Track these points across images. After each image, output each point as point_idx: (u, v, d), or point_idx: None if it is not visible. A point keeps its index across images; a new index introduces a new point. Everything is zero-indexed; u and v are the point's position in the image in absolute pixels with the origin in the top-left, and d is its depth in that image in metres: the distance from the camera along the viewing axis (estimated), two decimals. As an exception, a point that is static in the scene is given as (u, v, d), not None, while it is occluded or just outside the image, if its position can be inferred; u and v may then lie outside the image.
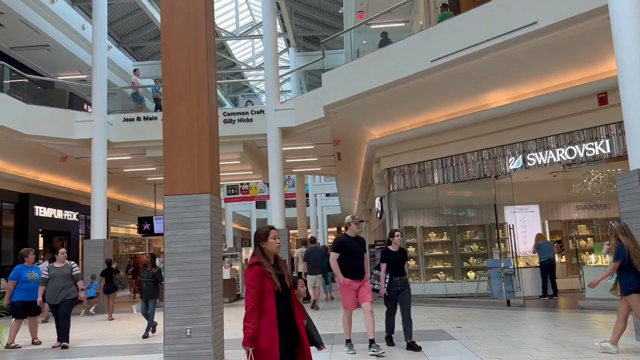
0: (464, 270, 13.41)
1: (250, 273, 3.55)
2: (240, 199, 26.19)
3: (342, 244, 6.89)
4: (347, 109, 12.03)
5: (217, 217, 6.56)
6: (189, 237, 6.25)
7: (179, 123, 6.41)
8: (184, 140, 6.40)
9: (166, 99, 6.48)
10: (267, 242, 3.69)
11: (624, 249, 5.65)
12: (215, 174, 6.66)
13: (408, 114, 11.92)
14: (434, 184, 12.20)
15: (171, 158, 6.38)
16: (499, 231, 13.58)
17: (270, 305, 3.49)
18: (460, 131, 11.40)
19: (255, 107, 15.74)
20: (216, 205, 6.56)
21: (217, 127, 6.94)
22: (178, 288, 6.19)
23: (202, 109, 6.43)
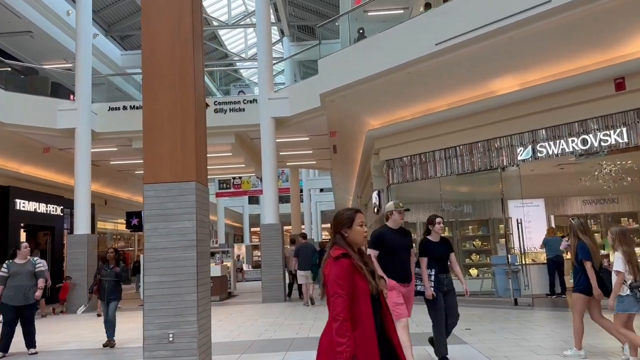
0: (466, 267, 12.82)
1: (337, 268, 2.61)
2: (232, 193, 25.48)
3: (382, 237, 5.37)
4: (345, 97, 11.37)
5: (203, 208, 5.87)
6: (172, 231, 5.56)
7: (160, 102, 5.71)
8: (166, 121, 5.70)
9: (146, 74, 5.77)
10: (352, 230, 2.77)
11: (586, 247, 5.31)
12: (202, 160, 5.97)
13: (409, 102, 11.27)
14: (436, 177, 11.57)
15: (152, 142, 5.68)
16: (503, 226, 13.06)
17: (365, 312, 2.58)
18: (465, 120, 10.76)
19: (248, 96, 15.03)
20: (203, 195, 5.88)
21: (204, 108, 6.25)
22: (159, 287, 5.50)
23: (186, 86, 5.73)
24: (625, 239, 5.01)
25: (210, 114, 14.37)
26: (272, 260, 13.36)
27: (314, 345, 2.83)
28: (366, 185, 19.09)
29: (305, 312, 10.84)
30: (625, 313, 4.96)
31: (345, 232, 2.78)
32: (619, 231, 5.08)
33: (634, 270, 4.84)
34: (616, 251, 5.00)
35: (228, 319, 10.37)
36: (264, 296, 13.30)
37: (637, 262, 4.91)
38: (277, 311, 11.16)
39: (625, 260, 4.87)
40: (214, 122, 14.28)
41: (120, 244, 26.35)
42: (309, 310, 11.05)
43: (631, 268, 4.84)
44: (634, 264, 4.87)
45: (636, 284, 4.76)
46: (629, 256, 4.88)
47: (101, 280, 8.10)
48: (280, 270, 13.30)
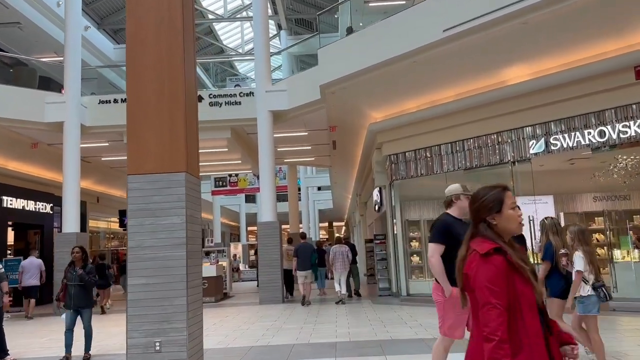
0: (473, 266, 12.27)
1: (488, 269, 1.94)
2: (229, 191, 24.83)
3: (449, 228, 4.18)
4: (346, 88, 10.81)
5: (194, 202, 5.30)
6: (159, 227, 4.99)
7: (146, 83, 5.14)
8: (153, 107, 5.12)
9: (130, 51, 5.19)
10: (502, 216, 2.10)
11: (551, 248, 5.13)
12: (193, 149, 5.40)
13: (414, 93, 10.71)
14: (442, 172, 11.01)
15: (136, 129, 5.11)
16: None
17: (532, 329, 1.91)
18: (473, 112, 10.21)
19: (244, 88, 14.46)
20: (194, 188, 5.30)
21: (195, 96, 5.67)
22: (145, 290, 4.93)
23: (175, 66, 5.15)
24: (585, 238, 4.85)
25: (205, 108, 13.80)
26: (270, 259, 12.79)
27: (317, 353, 2.28)
28: (366, 182, 18.54)
29: (304, 314, 10.28)
30: (583, 315, 4.79)
31: (493, 218, 2.10)
32: (578, 230, 4.90)
33: (595, 270, 4.70)
34: (576, 251, 4.80)
35: (223, 322, 9.80)
36: (262, 297, 12.73)
37: (597, 261, 4.80)
38: (275, 313, 10.59)
39: (586, 260, 4.70)
40: (209, 116, 13.73)
41: (114, 243, 25.76)
42: (308, 313, 10.49)
43: (592, 268, 4.70)
44: (594, 264, 4.73)
45: (599, 283, 4.62)
46: (590, 256, 4.74)
47: (67, 285, 7.06)
48: (278, 271, 12.74)
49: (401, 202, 12.41)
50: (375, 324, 8.34)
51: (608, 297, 4.66)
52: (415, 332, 7.32)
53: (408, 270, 12.15)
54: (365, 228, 24.29)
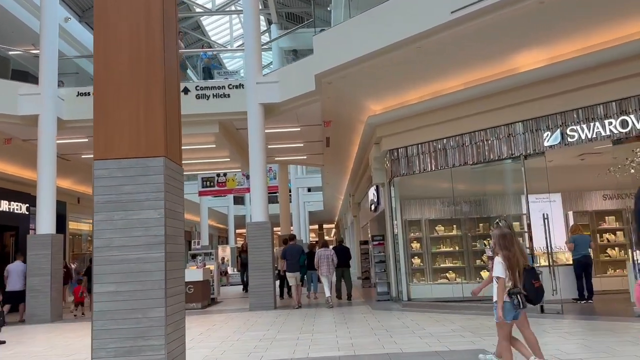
0: (477, 269, 11.53)
1: None
2: (217, 192, 23.93)
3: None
4: (344, 78, 10.04)
5: (176, 193, 4.45)
6: (131, 223, 4.13)
7: (117, 48, 4.28)
8: (127, 79, 4.27)
9: (98, 16, 4.33)
10: None
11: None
12: (174, 130, 4.55)
13: (418, 82, 9.94)
14: (447, 168, 10.24)
15: (105, 104, 4.25)
16: (523, 224, 11.79)
17: None
18: (482, 102, 9.46)
19: (233, 80, 13.60)
20: (175, 177, 4.45)
21: (177, 66, 4.82)
22: (114, 300, 4.06)
23: (152, 32, 4.31)
24: (505, 242, 4.63)
25: (192, 101, 12.95)
26: (261, 262, 11.92)
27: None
28: (361, 181, 17.76)
29: (299, 321, 9.43)
30: (507, 322, 4.59)
31: None
32: (499, 234, 4.69)
33: (514, 275, 4.51)
34: (497, 256, 4.64)
35: (210, 331, 8.92)
36: (252, 303, 11.85)
37: (517, 266, 4.55)
38: (268, 321, 9.73)
39: (505, 265, 4.52)
40: (195, 110, 12.87)
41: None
42: (304, 320, 9.64)
43: (511, 273, 4.51)
44: (513, 269, 4.53)
45: (515, 290, 4.44)
46: (509, 261, 4.54)
47: None
48: (270, 275, 11.87)
49: (401, 201, 11.62)
50: (379, 334, 7.52)
51: (522, 304, 4.42)
52: (427, 344, 6.51)
53: (409, 273, 11.36)
54: (358, 229, 23.51)
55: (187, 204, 29.90)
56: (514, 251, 4.57)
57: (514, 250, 4.58)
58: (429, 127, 10.31)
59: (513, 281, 4.50)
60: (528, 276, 4.61)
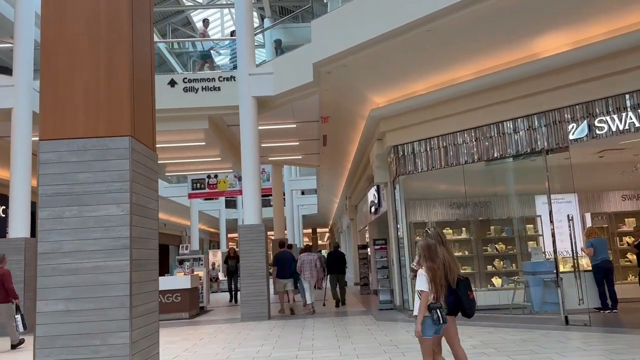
0: (488, 275, 10.67)
1: None
2: (207, 194, 22.89)
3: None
4: (345, 67, 9.16)
5: (146, 184, 3.52)
6: (87, 222, 3.21)
7: (71, 5, 3.36)
8: (82, 36, 3.36)
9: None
10: None
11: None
12: (145, 107, 3.63)
13: (426, 71, 9.06)
14: (458, 164, 9.35)
15: (54, 71, 3.33)
16: (531, 226, 10.98)
17: None
18: (498, 92, 8.59)
19: (224, 72, 12.68)
20: (145, 163, 3.53)
21: (151, 27, 3.90)
22: (64, 322, 3.13)
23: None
24: (430, 253, 4.40)
25: (179, 94, 12.03)
26: (254, 268, 10.96)
27: None
28: (359, 182, 16.87)
29: (297, 334, 8.50)
30: (428, 338, 4.32)
31: None
32: (425, 245, 4.47)
33: (437, 289, 4.28)
34: (421, 268, 4.39)
35: (197, 347, 7.96)
36: (244, 313, 10.88)
37: (441, 279, 4.31)
38: (262, 334, 8.78)
39: (428, 278, 4.28)
40: (183, 103, 11.95)
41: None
42: (302, 333, 8.71)
43: (434, 286, 4.27)
44: (437, 282, 4.29)
45: (435, 304, 4.23)
46: (433, 273, 4.30)
47: None
48: (263, 282, 10.91)
49: (406, 202, 10.73)
50: (390, 350, 6.61)
51: (442, 320, 4.20)
52: (448, 364, 5.60)
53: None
54: (355, 233, 22.61)
55: (177, 208, 28.86)
56: (439, 263, 4.35)
57: (438, 262, 4.36)
58: (438, 120, 9.43)
59: (435, 295, 4.25)
60: (463, 287, 4.45)
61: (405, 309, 10.55)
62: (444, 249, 4.57)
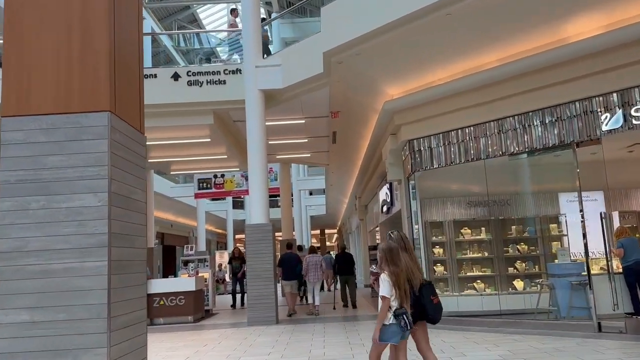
0: (510, 278, 10.02)
1: None
2: (214, 194, 22.40)
3: None
4: (357, 55, 8.63)
5: (130, 170, 2.97)
6: (57, 215, 2.67)
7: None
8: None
9: None
10: None
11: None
12: (131, 80, 3.07)
13: (445, 59, 8.47)
14: (479, 159, 8.74)
15: (19, 35, 2.78)
16: (555, 226, 10.33)
17: None
18: (523, 80, 7.97)
19: (230, 64, 12.14)
20: (129, 146, 2.98)
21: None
22: (29, 337, 2.58)
23: None
24: (393, 257, 4.24)
25: (183, 88, 11.51)
26: (260, 270, 10.40)
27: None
28: (370, 180, 16.27)
29: (307, 341, 7.93)
30: (384, 343, 4.19)
31: None
32: (386, 249, 4.29)
33: (401, 294, 4.13)
34: (382, 272, 4.22)
35: (200, 354, 7.41)
36: (250, 317, 10.32)
37: (405, 284, 4.17)
38: (269, 340, 8.22)
39: (391, 283, 4.13)
40: (187, 97, 11.43)
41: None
42: (312, 338, 8.14)
43: (398, 292, 4.11)
44: (401, 288, 4.14)
45: (401, 310, 4.09)
46: (397, 277, 4.16)
47: None
48: (271, 284, 10.34)
49: (421, 200, 10.13)
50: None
51: (409, 325, 4.09)
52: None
53: (432, 283, 9.85)
54: (365, 234, 22.01)
55: (184, 208, 28.40)
56: (402, 267, 4.19)
57: (401, 265, 4.19)
58: (457, 112, 8.82)
59: (400, 300, 4.10)
60: (427, 292, 4.31)
61: (421, 313, 9.96)
62: (406, 255, 4.41)
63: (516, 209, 10.39)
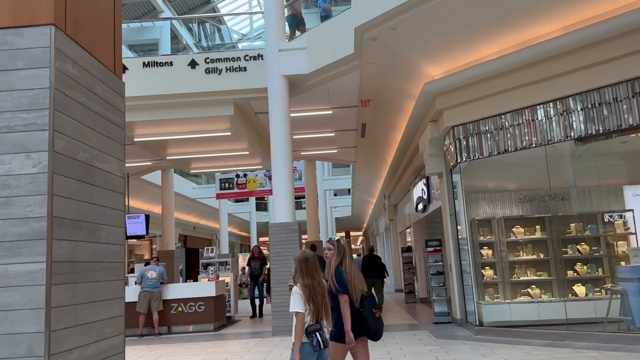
0: (569, 282, 8.79)
1: None
2: (236, 194, 21.57)
3: None
4: (394, 30, 7.55)
5: (97, 124, 1.95)
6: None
7: None
8: None
9: None
10: None
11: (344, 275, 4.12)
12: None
13: (496, 29, 7.32)
14: (539, 145, 7.56)
15: None
16: (622, 222, 9.07)
17: None
18: (593, 51, 6.77)
19: (251, 50, 11.20)
20: (94, 88, 1.95)
21: None
22: None
23: None
24: (308, 268, 3.76)
25: (200, 76, 10.62)
26: (286, 274, 9.39)
27: None
28: (402, 177, 15.13)
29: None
30: None
31: None
32: (302, 258, 3.83)
33: (317, 309, 3.66)
34: (296, 285, 3.74)
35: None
36: (275, 326, 9.32)
37: (322, 298, 3.73)
38: (296, 355, 7.16)
39: (304, 297, 3.64)
40: (205, 87, 10.54)
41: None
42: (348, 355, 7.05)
43: (312, 307, 3.63)
44: (317, 302, 3.68)
45: (314, 327, 3.63)
46: (311, 290, 3.67)
47: None
48: (298, 290, 9.31)
49: (467, 194, 8.98)
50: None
51: (323, 344, 3.63)
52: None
53: (480, 289, 8.71)
54: (395, 235, 20.83)
55: (206, 210, 27.70)
56: (319, 279, 3.80)
57: (318, 277, 3.80)
58: (513, 91, 7.66)
59: (315, 316, 3.70)
60: (368, 305, 4.03)
61: (468, 322, 8.80)
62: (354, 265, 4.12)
63: (575, 204, 9.15)
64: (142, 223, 16.33)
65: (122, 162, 2.15)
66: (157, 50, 20.92)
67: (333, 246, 4.16)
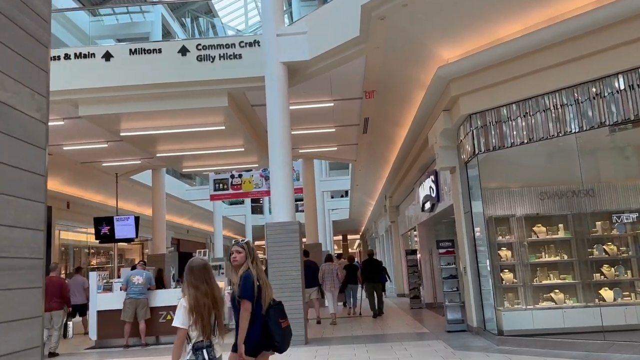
0: (596, 286, 8.03)
1: None
2: (231, 195, 20.74)
3: None
4: (404, 7, 6.82)
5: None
6: None
7: None
8: None
9: None
10: None
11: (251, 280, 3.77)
12: None
13: (519, 5, 6.58)
14: (569, 132, 6.80)
15: None
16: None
17: None
18: (627, 26, 6.03)
19: (246, 36, 10.41)
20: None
21: None
22: None
23: None
24: (194, 278, 3.46)
25: (192, 64, 9.82)
26: (285, 278, 8.59)
27: None
28: (407, 175, 14.35)
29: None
30: None
31: None
32: (187, 267, 3.55)
33: (203, 323, 3.31)
34: (183, 297, 3.45)
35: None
36: (274, 336, 8.47)
37: (210, 311, 3.38)
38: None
39: (189, 310, 3.33)
40: (196, 76, 9.73)
41: (101, 259, 21.67)
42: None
43: (200, 321, 3.30)
44: (203, 314, 3.32)
45: (201, 343, 3.32)
46: (196, 302, 3.36)
47: None
48: (299, 296, 8.51)
49: (483, 190, 8.21)
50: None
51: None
52: None
53: (499, 294, 7.93)
54: (397, 238, 20.05)
55: (200, 213, 26.82)
56: (205, 289, 3.40)
57: (204, 288, 3.41)
58: (536, 74, 6.91)
59: (201, 331, 3.31)
60: (274, 315, 3.66)
61: (486, 331, 8.02)
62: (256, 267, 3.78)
63: (602, 200, 8.38)
64: (132, 225, 15.48)
65: (43, 98, 1.38)
66: (148, 46, 20.12)
67: (243, 249, 3.77)
